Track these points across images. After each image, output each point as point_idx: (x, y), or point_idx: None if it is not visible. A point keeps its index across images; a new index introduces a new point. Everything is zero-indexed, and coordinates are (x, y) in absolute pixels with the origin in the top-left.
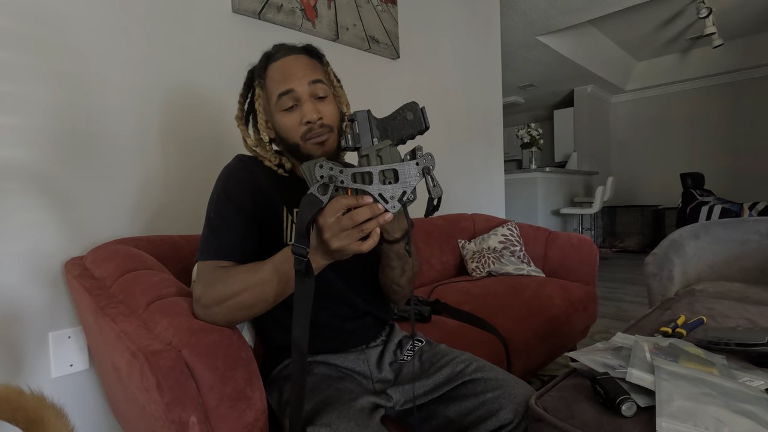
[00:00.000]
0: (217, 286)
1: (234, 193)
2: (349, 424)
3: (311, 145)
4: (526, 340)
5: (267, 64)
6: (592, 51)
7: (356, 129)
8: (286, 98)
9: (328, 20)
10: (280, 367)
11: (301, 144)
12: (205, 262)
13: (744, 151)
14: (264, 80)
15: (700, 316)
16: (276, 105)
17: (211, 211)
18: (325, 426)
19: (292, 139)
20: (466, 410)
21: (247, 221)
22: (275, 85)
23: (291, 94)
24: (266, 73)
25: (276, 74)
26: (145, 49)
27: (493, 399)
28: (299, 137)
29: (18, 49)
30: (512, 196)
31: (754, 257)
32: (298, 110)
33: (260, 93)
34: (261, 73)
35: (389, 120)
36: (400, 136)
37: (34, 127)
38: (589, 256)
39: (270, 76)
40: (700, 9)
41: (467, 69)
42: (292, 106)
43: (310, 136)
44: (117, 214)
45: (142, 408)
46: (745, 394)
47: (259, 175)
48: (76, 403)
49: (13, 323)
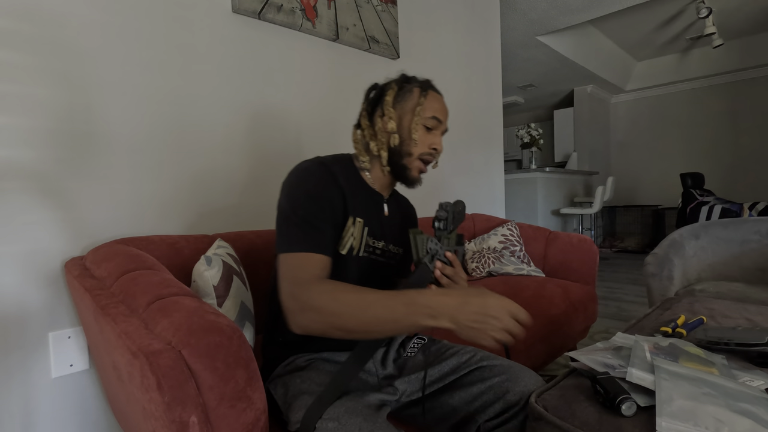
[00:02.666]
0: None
1: (316, 193)
2: (357, 419)
3: (417, 165)
4: (526, 340)
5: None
6: (592, 51)
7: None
8: (434, 122)
9: (328, 20)
10: (284, 363)
11: (414, 157)
12: (299, 254)
13: (744, 151)
14: (426, 97)
15: (700, 316)
16: (424, 119)
17: (297, 209)
18: (333, 420)
19: (411, 149)
20: (472, 396)
21: (328, 222)
22: (432, 109)
23: (439, 123)
24: (429, 92)
25: (435, 103)
26: (145, 49)
27: (500, 383)
28: (418, 153)
29: (18, 49)
30: (512, 196)
31: (754, 257)
32: (432, 136)
33: (422, 101)
34: (426, 89)
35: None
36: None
37: (34, 127)
38: (589, 256)
39: (430, 99)
40: (700, 9)
41: (467, 69)
42: (431, 128)
43: (425, 159)
44: (117, 214)
45: (142, 408)
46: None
47: (337, 178)
48: (76, 403)
49: (13, 323)
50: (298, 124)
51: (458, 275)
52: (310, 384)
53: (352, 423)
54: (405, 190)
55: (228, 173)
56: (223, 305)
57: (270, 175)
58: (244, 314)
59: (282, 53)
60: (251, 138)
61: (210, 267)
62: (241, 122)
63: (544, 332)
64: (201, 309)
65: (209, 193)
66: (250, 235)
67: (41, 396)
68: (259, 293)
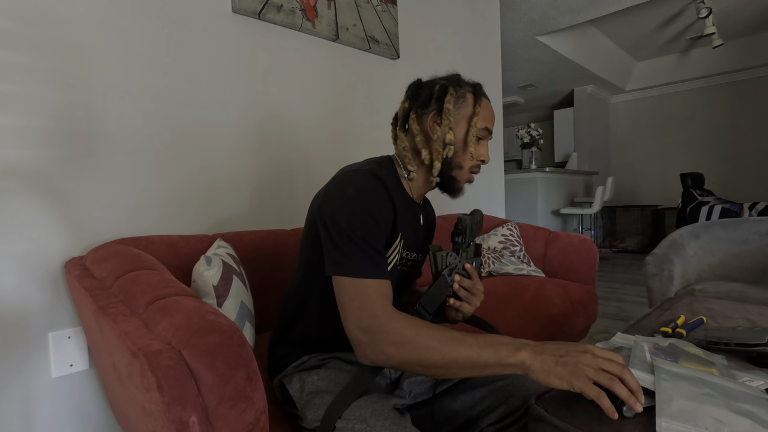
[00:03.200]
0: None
1: (375, 211)
2: (386, 422)
3: (468, 177)
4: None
5: (482, 95)
6: (592, 51)
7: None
8: (485, 132)
9: (328, 20)
10: (297, 363)
11: (464, 169)
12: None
13: (744, 151)
14: (480, 105)
15: (700, 316)
16: (478, 131)
17: (357, 228)
18: (360, 422)
19: (462, 161)
20: (475, 401)
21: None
22: (485, 119)
23: (489, 134)
24: (482, 100)
25: (488, 112)
26: (145, 49)
27: (503, 387)
28: (469, 165)
29: (18, 49)
30: (512, 196)
31: (754, 257)
32: (482, 147)
33: (477, 111)
34: (480, 96)
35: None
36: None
37: (34, 127)
38: (589, 256)
39: (484, 107)
40: (700, 9)
41: (467, 69)
42: (481, 138)
43: (474, 171)
44: (117, 214)
45: (142, 408)
46: (745, 394)
47: (390, 193)
48: (76, 403)
49: (13, 323)
50: (297, 124)
51: (476, 287)
52: (328, 383)
53: (381, 426)
54: None
55: (228, 173)
56: (223, 305)
57: (270, 174)
58: (244, 314)
59: (282, 53)
60: (251, 138)
61: (210, 267)
62: (241, 122)
63: (544, 332)
64: (201, 309)
65: (209, 193)
66: (250, 235)
67: (41, 396)
68: (259, 293)
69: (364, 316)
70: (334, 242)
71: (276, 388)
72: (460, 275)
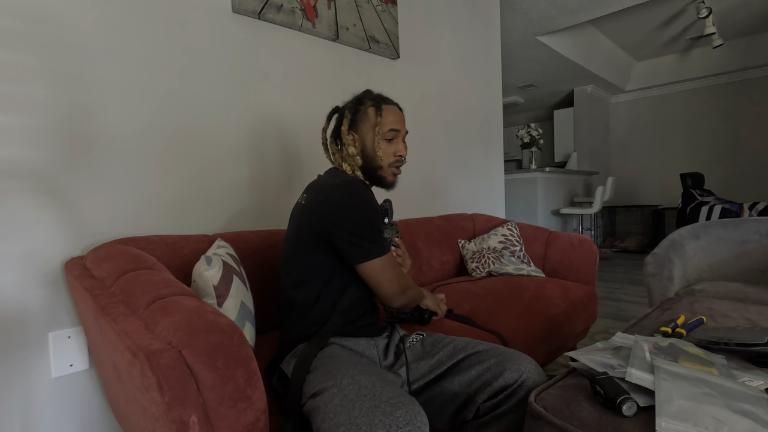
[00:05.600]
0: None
1: (377, 208)
2: (371, 377)
3: (391, 172)
4: (526, 340)
5: (383, 104)
6: (592, 51)
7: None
8: (391, 133)
9: (328, 20)
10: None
11: (385, 168)
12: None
13: (744, 151)
14: (381, 112)
15: (700, 316)
16: (383, 133)
17: (373, 223)
18: (348, 377)
19: (380, 161)
20: (471, 379)
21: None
22: (388, 122)
23: (395, 132)
24: (383, 108)
25: (390, 115)
26: (145, 49)
27: (497, 363)
28: (387, 163)
29: (18, 49)
30: (512, 196)
31: (754, 257)
32: (394, 145)
33: (379, 120)
34: (380, 106)
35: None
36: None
37: (34, 127)
38: (589, 256)
39: (386, 113)
40: (700, 9)
41: (467, 69)
42: (391, 139)
43: (394, 165)
44: (117, 214)
45: (143, 408)
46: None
47: None
48: (76, 403)
49: (13, 323)
50: (297, 124)
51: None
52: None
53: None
54: (401, 192)
55: (228, 173)
56: (224, 305)
57: (270, 174)
58: (244, 314)
59: (282, 53)
60: (251, 138)
61: (210, 267)
62: (241, 122)
63: (544, 332)
64: (201, 309)
65: (209, 193)
66: (250, 235)
67: (41, 396)
68: (259, 293)
69: (401, 280)
70: (362, 237)
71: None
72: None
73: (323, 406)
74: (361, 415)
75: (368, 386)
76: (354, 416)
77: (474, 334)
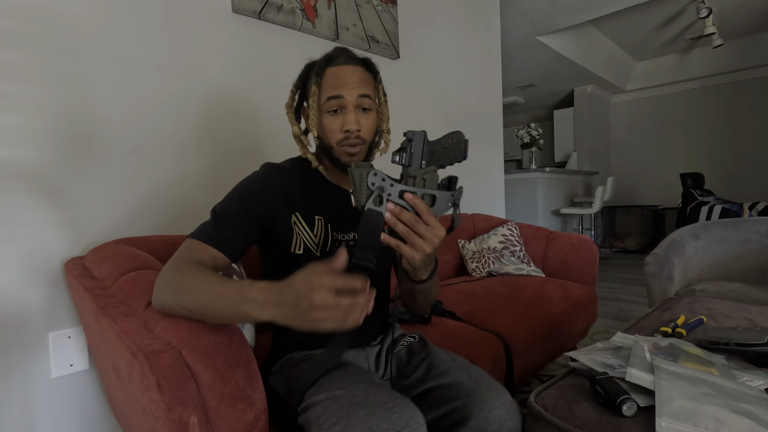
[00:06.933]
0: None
1: (245, 196)
2: (364, 385)
3: (343, 152)
4: (526, 340)
5: (326, 66)
6: (592, 51)
7: (411, 149)
8: (333, 102)
9: (328, 20)
10: (282, 360)
11: (335, 147)
12: (193, 240)
13: (744, 151)
14: (321, 79)
15: (700, 316)
16: (324, 105)
17: (218, 206)
18: (340, 388)
19: (328, 140)
20: (440, 416)
21: (250, 225)
22: (328, 87)
23: (338, 100)
24: (324, 73)
25: (331, 79)
26: (145, 49)
27: (463, 407)
28: (335, 141)
29: (18, 49)
30: (512, 196)
31: (754, 257)
32: (341, 116)
33: (315, 90)
34: (320, 72)
35: (437, 144)
36: (442, 162)
37: (34, 127)
38: (589, 256)
39: (326, 78)
40: (700, 9)
41: (467, 69)
42: (336, 110)
43: (344, 144)
44: (117, 214)
45: (142, 408)
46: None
47: (281, 181)
48: (76, 403)
49: (13, 323)
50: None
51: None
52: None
53: (360, 388)
54: None
55: (229, 173)
56: None
57: None
58: None
59: (282, 53)
60: (251, 138)
61: None
62: (242, 122)
63: (544, 332)
64: None
65: (209, 193)
66: None
67: (41, 396)
68: None
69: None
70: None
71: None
72: (398, 205)
73: (315, 420)
74: (359, 424)
75: (361, 394)
76: (351, 425)
77: (474, 334)
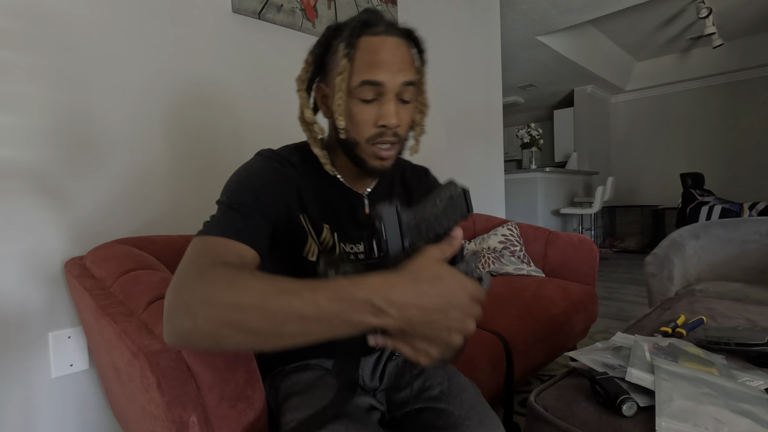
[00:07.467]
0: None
1: (256, 187)
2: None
3: (372, 154)
4: (526, 340)
5: (361, 33)
6: (592, 51)
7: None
8: (369, 89)
9: (328, 20)
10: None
11: (362, 145)
12: (208, 238)
13: (744, 151)
14: (353, 51)
15: (700, 316)
16: (356, 90)
17: (225, 198)
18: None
19: (355, 135)
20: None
21: (266, 219)
22: (364, 66)
23: (377, 88)
24: (358, 43)
25: (368, 54)
26: (145, 49)
27: None
28: (365, 137)
29: (18, 49)
30: (512, 196)
31: (754, 257)
32: (377, 106)
33: (346, 65)
34: (352, 42)
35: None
36: (436, 232)
37: (34, 127)
38: (589, 256)
39: (361, 51)
40: (700, 9)
41: (467, 69)
42: (372, 99)
43: (377, 141)
44: (117, 214)
45: (142, 408)
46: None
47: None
48: (76, 403)
49: (13, 323)
50: (298, 124)
51: None
52: (301, 386)
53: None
54: None
55: (229, 173)
56: None
57: None
58: None
59: (282, 53)
60: (251, 138)
61: None
62: (242, 122)
63: (544, 332)
64: None
65: (210, 193)
66: None
67: (41, 396)
68: None
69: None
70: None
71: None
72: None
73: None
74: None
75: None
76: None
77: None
